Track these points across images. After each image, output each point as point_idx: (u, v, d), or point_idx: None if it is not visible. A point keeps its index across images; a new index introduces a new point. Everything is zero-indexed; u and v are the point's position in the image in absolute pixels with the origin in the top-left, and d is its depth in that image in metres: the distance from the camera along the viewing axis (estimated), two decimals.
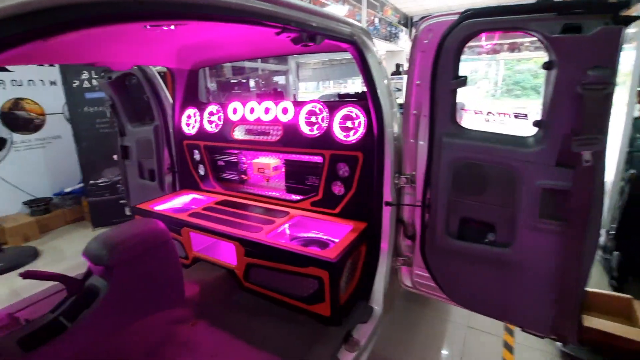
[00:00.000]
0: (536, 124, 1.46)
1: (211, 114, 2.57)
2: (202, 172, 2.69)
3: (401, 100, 1.86)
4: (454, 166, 1.60)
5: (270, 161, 2.31)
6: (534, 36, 1.37)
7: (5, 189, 4.27)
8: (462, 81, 1.56)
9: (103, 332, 1.39)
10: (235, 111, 2.44)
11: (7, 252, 3.71)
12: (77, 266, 1.55)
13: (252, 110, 2.36)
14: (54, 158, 4.81)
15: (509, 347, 2.29)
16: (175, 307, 1.68)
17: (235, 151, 2.53)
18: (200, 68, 2.69)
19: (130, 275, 1.47)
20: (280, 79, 10.08)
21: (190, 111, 2.70)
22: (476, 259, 1.65)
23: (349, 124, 1.96)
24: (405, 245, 1.93)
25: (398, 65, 9.28)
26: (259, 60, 8.81)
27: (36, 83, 4.57)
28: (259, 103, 2.32)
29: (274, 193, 2.41)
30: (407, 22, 11.64)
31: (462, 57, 1.56)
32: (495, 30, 1.48)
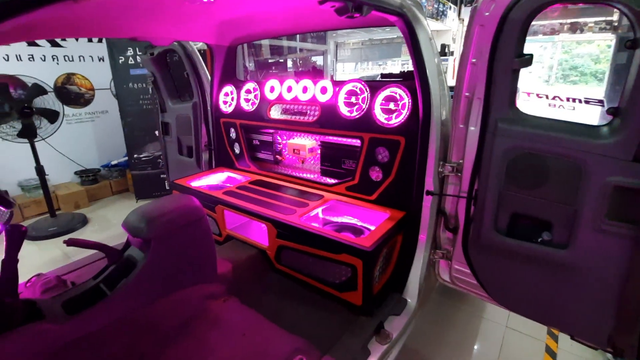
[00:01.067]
0: (612, 111, 1.26)
1: (248, 92, 2.53)
2: (237, 150, 2.69)
3: (450, 82, 1.70)
4: (509, 156, 1.44)
5: (305, 142, 2.24)
6: (617, 9, 1.17)
7: (58, 159, 4.58)
8: (527, 60, 1.37)
9: (139, 301, 1.43)
10: (272, 89, 2.38)
11: (60, 218, 4.01)
12: (121, 235, 1.63)
13: (289, 89, 2.28)
14: (102, 132, 5.07)
15: (551, 353, 2.13)
16: (208, 283, 1.70)
17: (271, 131, 2.49)
18: (239, 44, 2.64)
19: (166, 248, 1.49)
20: (318, 60, 9.89)
21: (228, 89, 2.67)
22: (526, 258, 1.51)
23: (391, 105, 1.83)
24: (445, 238, 1.81)
25: (444, 46, 8.72)
26: (298, 39, 8.65)
27: (86, 59, 4.78)
28: (297, 81, 2.23)
29: (308, 175, 2.36)
30: None
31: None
32: (573, 1, 1.28)
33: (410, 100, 1.75)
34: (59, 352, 1.19)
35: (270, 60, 8.50)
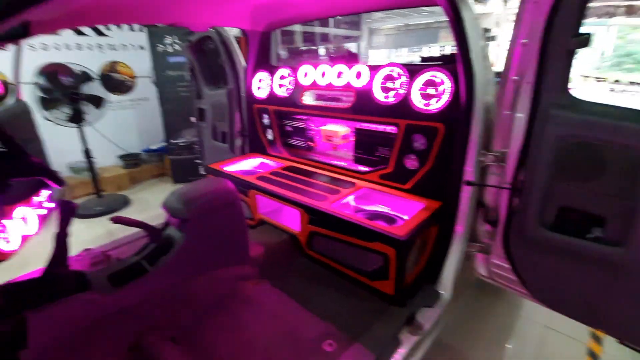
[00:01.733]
0: None
1: (282, 77, 2.53)
2: (270, 136, 2.71)
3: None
4: (560, 145, 1.33)
5: (339, 129, 2.21)
6: None
7: (104, 143, 4.85)
8: (585, 40, 1.25)
9: (177, 278, 1.49)
10: (306, 75, 2.35)
11: (105, 198, 4.28)
12: (159, 216, 1.72)
13: (323, 74, 2.24)
14: (142, 118, 5.30)
15: (594, 356, 2.00)
16: (241, 265, 1.74)
17: (304, 117, 2.48)
18: (273, 29, 2.63)
19: (202, 229, 1.54)
20: (351, 47, 9.71)
21: (262, 75, 2.68)
22: (573, 255, 1.40)
23: (430, 90, 1.74)
24: (484, 231, 1.73)
25: (485, 31, 8.26)
26: (331, 25, 8.52)
27: (128, 47, 4.98)
28: (332, 66, 2.19)
29: (340, 162, 2.33)
30: None
31: None
32: None
33: (451, 85, 1.66)
34: (104, 320, 1.28)
35: (302, 48, 8.46)
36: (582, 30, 1.28)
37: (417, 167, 1.85)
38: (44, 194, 2.47)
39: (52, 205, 2.56)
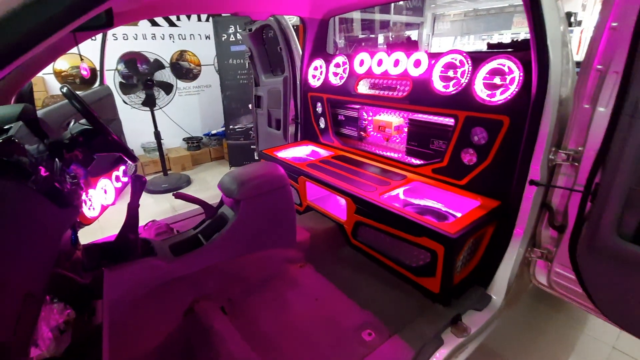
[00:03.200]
0: None
1: (337, 66, 2.51)
2: (322, 125, 2.73)
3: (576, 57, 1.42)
4: None
5: (392, 119, 2.15)
6: None
7: (170, 127, 5.28)
8: None
9: (228, 253, 1.60)
10: (362, 63, 2.31)
11: (170, 177, 4.68)
12: (216, 195, 1.87)
13: (379, 63, 2.19)
14: (205, 104, 5.66)
15: None
16: (287, 248, 1.80)
17: (357, 106, 2.45)
18: (331, 17, 2.61)
19: (253, 209, 1.61)
20: (412, 34, 9.29)
21: (318, 62, 2.69)
22: None
23: (497, 80, 1.61)
24: (548, 237, 1.58)
25: (570, 15, 7.34)
26: (392, 11, 8.21)
27: (195, 37, 5.31)
28: (389, 54, 2.12)
29: (392, 154, 2.27)
30: None
31: None
32: None
33: (521, 75, 1.52)
34: (165, 285, 1.42)
35: (360, 36, 8.29)
36: None
37: (474, 162, 1.74)
38: (121, 169, 2.77)
39: (126, 179, 2.86)
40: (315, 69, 2.71)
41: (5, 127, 1.11)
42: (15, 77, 1.57)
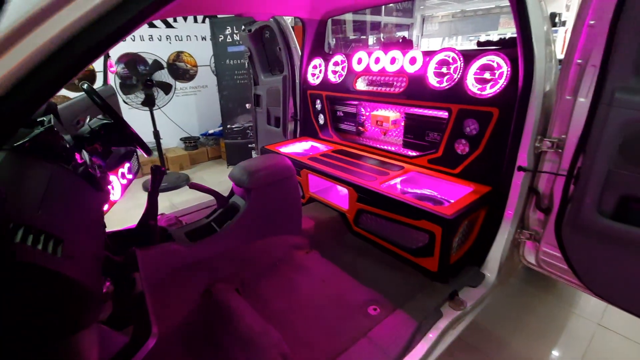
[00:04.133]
0: None
1: (336, 64, 2.63)
2: (321, 121, 2.84)
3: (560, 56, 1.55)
4: (626, 131, 1.29)
5: (389, 114, 2.27)
6: None
7: (169, 126, 5.34)
8: None
9: (240, 239, 1.70)
10: (360, 61, 2.44)
11: (169, 176, 4.74)
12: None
13: (377, 60, 2.31)
14: (202, 104, 5.73)
15: None
16: (294, 235, 1.90)
17: (355, 102, 2.57)
18: (329, 17, 2.73)
19: (263, 198, 1.72)
20: (402, 35, 9.47)
21: (317, 61, 2.81)
22: (636, 246, 1.36)
23: (487, 75, 1.75)
24: (535, 219, 1.72)
25: (554, 15, 7.59)
26: (383, 13, 8.38)
27: (191, 38, 5.39)
28: (385, 53, 2.25)
29: (389, 147, 2.40)
30: None
31: None
32: None
33: (509, 69, 1.66)
34: (184, 269, 1.51)
35: (352, 37, 8.43)
36: None
37: (467, 152, 1.87)
38: (126, 166, 2.84)
39: (131, 176, 2.94)
40: (315, 67, 2.82)
41: (38, 119, 1.20)
42: None
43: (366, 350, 1.31)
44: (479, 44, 1.89)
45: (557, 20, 7.46)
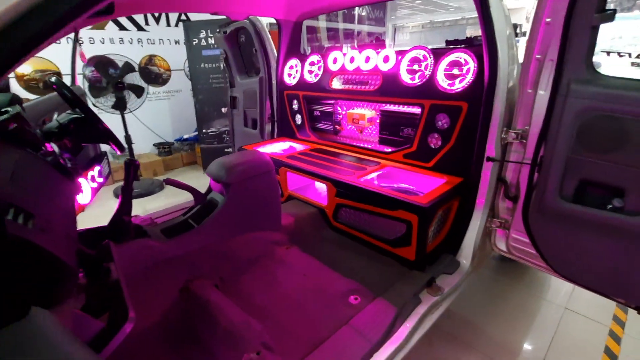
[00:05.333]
0: None
1: (312, 64, 2.68)
2: (299, 121, 2.87)
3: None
4: (581, 119, 1.40)
5: (365, 112, 2.33)
6: None
7: (141, 132, 5.18)
8: (609, 15, 1.32)
9: (219, 235, 1.67)
10: (335, 61, 2.49)
11: (142, 182, 4.59)
12: (188, 200, 2.00)
13: (352, 60, 2.37)
14: (176, 109, 5.62)
15: (615, 338, 2.03)
16: (273, 231, 1.90)
17: (332, 102, 2.61)
18: (304, 19, 2.78)
19: (241, 193, 1.71)
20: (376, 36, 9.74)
21: (293, 62, 2.84)
22: (593, 226, 1.46)
23: (455, 71, 1.84)
24: (504, 208, 1.81)
25: (516, 26, 8.09)
26: (356, 21, 8.60)
27: (164, 42, 5.30)
28: (360, 51, 2.32)
29: (366, 144, 2.45)
30: None
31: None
32: None
33: (475, 65, 1.75)
34: (160, 265, 1.47)
35: (326, 46, 8.58)
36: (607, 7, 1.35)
37: (439, 145, 1.95)
38: (96, 169, 2.73)
39: (101, 180, 2.83)
40: (291, 68, 2.85)
41: (2, 109, 1.14)
42: None
43: (348, 337, 1.32)
44: (448, 42, 1.99)
45: (518, 30, 7.95)
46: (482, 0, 1.57)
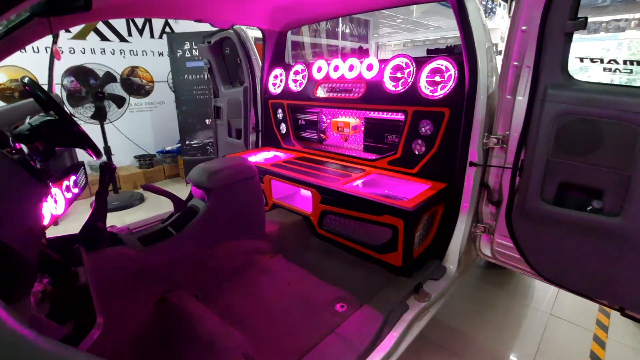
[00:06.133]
0: None
1: (296, 73, 2.69)
2: (283, 130, 2.85)
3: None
4: (558, 122, 1.44)
5: (350, 120, 2.34)
6: None
7: (121, 144, 5.04)
8: (581, 23, 1.37)
9: (199, 243, 1.61)
10: (319, 70, 2.51)
11: (121, 195, 4.44)
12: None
13: (336, 68, 2.40)
14: (158, 120, 5.52)
15: (600, 342, 2.03)
16: (257, 239, 1.84)
17: (316, 110, 2.62)
18: (289, 30, 2.81)
19: (224, 199, 1.66)
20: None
21: (277, 71, 2.85)
22: (574, 228, 1.48)
23: (437, 77, 1.87)
24: (488, 213, 1.82)
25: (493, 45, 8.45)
26: (340, 37, 8.79)
27: (148, 54, 5.25)
28: (344, 60, 2.34)
29: (351, 152, 2.45)
30: None
31: (574, 36, 1.38)
32: None
33: (456, 72, 1.79)
34: (136, 275, 1.39)
35: (310, 60, 8.71)
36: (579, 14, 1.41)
37: (423, 151, 1.97)
38: (72, 179, 2.62)
39: (77, 190, 2.71)
40: (275, 77, 2.86)
41: None
42: None
43: (335, 346, 1.27)
44: (429, 51, 2.04)
45: (494, 49, 8.31)
46: (461, 10, 1.62)
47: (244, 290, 1.57)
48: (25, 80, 1.32)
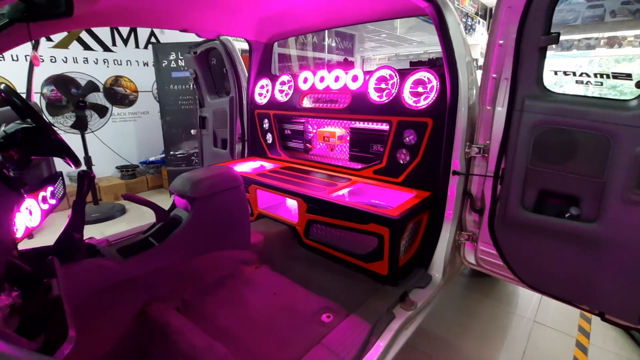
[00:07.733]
0: None
1: (282, 83, 2.70)
2: (269, 140, 2.85)
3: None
4: (535, 132, 1.49)
5: (335, 130, 2.36)
6: None
7: (102, 154, 4.93)
8: (554, 38, 1.44)
9: (182, 254, 1.57)
10: (305, 80, 2.53)
11: (102, 206, 4.31)
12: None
13: (322, 79, 2.43)
14: (142, 131, 5.43)
15: (582, 348, 2.07)
16: (242, 249, 1.81)
17: (302, 120, 2.63)
18: (275, 41, 2.84)
19: (207, 208, 1.63)
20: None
21: (264, 82, 2.86)
22: (553, 234, 1.52)
23: (420, 89, 1.92)
24: (471, 221, 1.85)
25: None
26: (326, 50, 8.93)
27: (132, 63, 5.20)
28: (329, 71, 2.38)
29: (337, 162, 2.46)
30: (486, 13, 10.88)
31: (547, 53, 1.45)
32: None
33: (438, 83, 1.84)
34: (114, 287, 1.34)
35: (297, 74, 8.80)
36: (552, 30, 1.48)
37: (408, 160, 1.99)
38: (49, 190, 2.53)
39: (54, 202, 2.62)
40: (262, 87, 2.87)
41: None
42: None
43: (321, 357, 1.24)
44: (412, 64, 2.10)
45: (474, 64, 8.61)
46: (441, 23, 1.67)
47: (228, 301, 1.53)
48: (2, 87, 1.28)
